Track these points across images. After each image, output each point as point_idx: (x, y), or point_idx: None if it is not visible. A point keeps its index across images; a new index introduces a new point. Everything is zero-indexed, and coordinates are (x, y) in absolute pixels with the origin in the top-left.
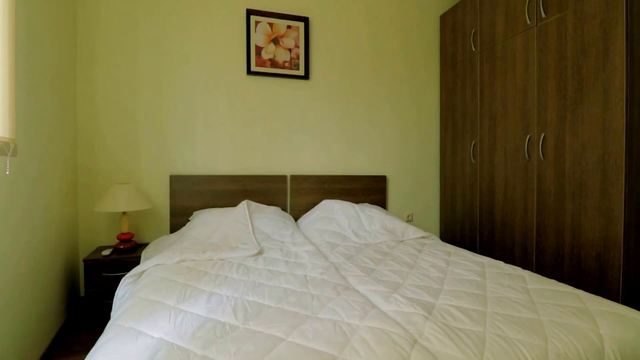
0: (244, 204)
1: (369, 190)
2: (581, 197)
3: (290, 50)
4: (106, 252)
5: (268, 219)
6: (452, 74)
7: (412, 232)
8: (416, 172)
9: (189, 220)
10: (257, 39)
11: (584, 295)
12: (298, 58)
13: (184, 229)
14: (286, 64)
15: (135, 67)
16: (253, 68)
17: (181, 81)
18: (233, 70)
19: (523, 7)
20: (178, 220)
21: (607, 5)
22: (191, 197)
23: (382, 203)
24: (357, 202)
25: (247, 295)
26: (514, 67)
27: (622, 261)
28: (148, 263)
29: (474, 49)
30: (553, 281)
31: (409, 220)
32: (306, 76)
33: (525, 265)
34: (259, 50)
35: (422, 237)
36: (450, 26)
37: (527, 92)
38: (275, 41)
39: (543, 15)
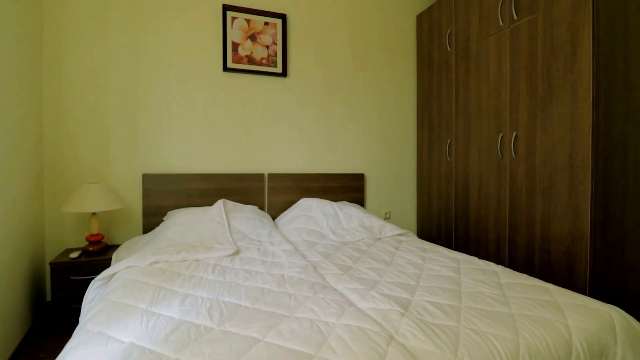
0: (220, 203)
1: (348, 188)
2: (551, 193)
3: (267, 47)
4: (74, 255)
5: (245, 218)
6: (429, 73)
7: (390, 230)
8: (394, 170)
9: (163, 220)
10: (234, 35)
11: (553, 288)
12: (276, 55)
13: (157, 229)
14: (264, 61)
15: (105, 63)
16: (230, 64)
17: (154, 77)
18: (209, 67)
19: (496, 9)
20: (151, 220)
21: (574, 9)
22: (165, 196)
23: (360, 201)
24: (335, 200)
25: (223, 296)
26: (487, 67)
27: (588, 255)
28: (119, 265)
29: (449, 49)
30: (524, 275)
31: (387, 218)
32: (284, 74)
33: (498, 260)
34: (235, 46)
35: (399, 235)
36: (427, 26)
37: (500, 92)
38: (253, 38)
39: (515, 17)
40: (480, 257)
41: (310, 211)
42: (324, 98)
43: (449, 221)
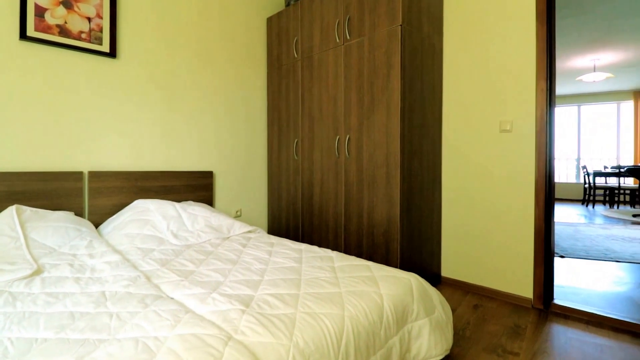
0: (11, 210)
1: (194, 187)
2: (374, 187)
3: (89, 19)
4: None
5: (53, 228)
6: (278, 75)
7: (238, 228)
8: (245, 168)
9: None
10: None
11: (373, 265)
12: (101, 31)
13: None
14: (83, 36)
15: None
16: (30, 33)
17: None
18: None
19: (334, 27)
20: None
21: (389, 38)
22: None
23: (209, 200)
24: (179, 201)
25: (10, 331)
26: (327, 76)
27: (399, 235)
28: None
29: (296, 56)
30: (353, 257)
31: (238, 216)
32: (112, 54)
33: (336, 247)
34: (40, 11)
35: (249, 232)
36: (276, 30)
37: (337, 100)
38: (68, 5)
39: (348, 37)
40: (322, 246)
41: (147, 214)
42: (167, 87)
43: (297, 215)
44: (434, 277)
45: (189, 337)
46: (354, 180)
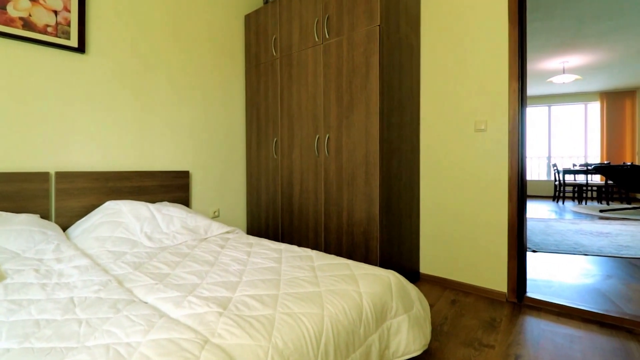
0: None
1: (169, 187)
2: (353, 185)
3: (56, 12)
4: None
5: (16, 232)
6: (256, 73)
7: (216, 228)
8: (222, 167)
9: None
10: None
11: (352, 263)
12: (69, 25)
13: None
14: (50, 30)
15: None
16: None
17: None
18: None
19: (313, 26)
20: None
21: (368, 38)
22: None
23: (185, 201)
24: (154, 202)
25: None
26: (306, 75)
27: (378, 233)
28: None
29: (274, 54)
30: (332, 256)
31: (215, 217)
32: (81, 49)
33: (316, 246)
34: (2, 2)
35: (227, 232)
36: (255, 28)
37: (316, 99)
38: None
39: (327, 36)
40: (302, 245)
41: (119, 216)
42: (140, 84)
43: (276, 215)
44: (412, 274)
45: (163, 342)
46: (334, 179)
